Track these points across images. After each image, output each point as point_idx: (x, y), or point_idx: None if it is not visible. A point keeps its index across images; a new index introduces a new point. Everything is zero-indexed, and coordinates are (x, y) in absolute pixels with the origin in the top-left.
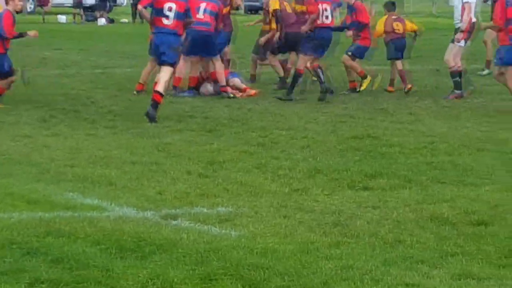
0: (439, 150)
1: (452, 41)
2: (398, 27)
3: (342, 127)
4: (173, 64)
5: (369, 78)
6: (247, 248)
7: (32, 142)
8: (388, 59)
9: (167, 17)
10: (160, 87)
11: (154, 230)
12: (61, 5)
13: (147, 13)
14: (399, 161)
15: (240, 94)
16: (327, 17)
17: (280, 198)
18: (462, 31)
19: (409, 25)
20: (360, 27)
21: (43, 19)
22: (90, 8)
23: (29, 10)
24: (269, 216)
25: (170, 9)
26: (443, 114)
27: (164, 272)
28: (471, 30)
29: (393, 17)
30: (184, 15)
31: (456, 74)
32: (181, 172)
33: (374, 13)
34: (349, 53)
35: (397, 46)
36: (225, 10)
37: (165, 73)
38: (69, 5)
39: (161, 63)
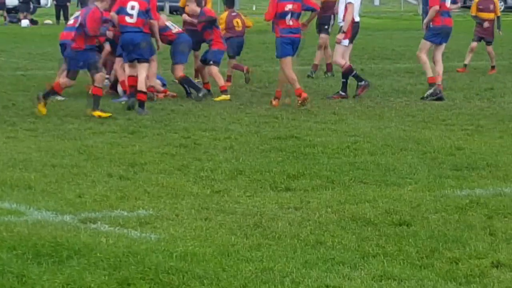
0: (362, 150)
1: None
2: (238, 24)
3: (265, 127)
4: (148, 60)
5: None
6: (166, 251)
7: None
8: (229, 56)
9: (130, 15)
10: (141, 86)
11: (72, 234)
12: None
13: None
14: (322, 162)
15: (162, 95)
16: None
17: (202, 200)
18: (343, 32)
19: (247, 22)
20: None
21: None
22: (13, 10)
23: None
24: (189, 218)
25: (133, 8)
26: (367, 114)
27: (81, 277)
28: (354, 30)
29: (233, 13)
30: (146, 14)
31: (347, 74)
32: (101, 175)
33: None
34: (211, 62)
35: (236, 43)
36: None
37: (143, 70)
38: None
39: (138, 61)
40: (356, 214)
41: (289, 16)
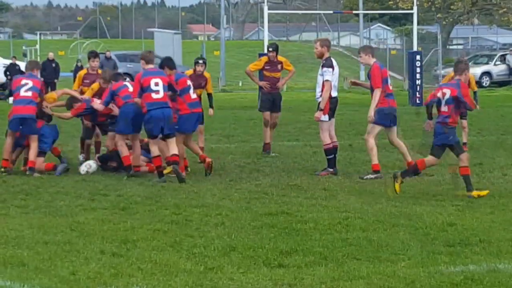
0: (354, 226)
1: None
2: None
3: (256, 203)
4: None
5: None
6: None
7: None
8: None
9: (156, 91)
10: (175, 154)
11: None
12: None
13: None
14: (314, 238)
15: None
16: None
17: (195, 277)
18: (321, 110)
19: None
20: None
21: None
22: (1, 86)
23: None
24: None
25: (157, 84)
26: (357, 190)
27: None
28: (332, 105)
29: None
30: (167, 88)
31: (331, 151)
32: (94, 252)
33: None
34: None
35: None
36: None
37: (174, 144)
38: None
39: (166, 136)
40: None
41: (191, 90)
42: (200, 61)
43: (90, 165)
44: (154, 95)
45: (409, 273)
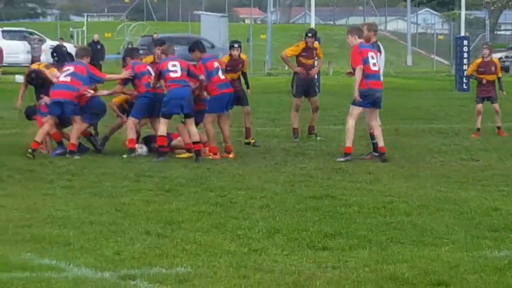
0: (398, 210)
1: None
2: None
3: (300, 186)
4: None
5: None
6: None
7: None
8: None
9: (174, 71)
10: (197, 137)
11: None
12: (18, 65)
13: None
14: (358, 221)
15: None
16: None
17: (239, 258)
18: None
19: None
20: None
21: None
22: None
23: None
24: (228, 276)
25: (174, 65)
26: (402, 174)
27: None
28: None
29: None
30: (186, 71)
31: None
32: (139, 232)
33: None
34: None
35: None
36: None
37: (193, 125)
38: (26, 64)
39: (185, 116)
40: (394, 274)
41: (220, 72)
42: (236, 45)
43: (141, 147)
44: (172, 74)
45: (453, 257)
